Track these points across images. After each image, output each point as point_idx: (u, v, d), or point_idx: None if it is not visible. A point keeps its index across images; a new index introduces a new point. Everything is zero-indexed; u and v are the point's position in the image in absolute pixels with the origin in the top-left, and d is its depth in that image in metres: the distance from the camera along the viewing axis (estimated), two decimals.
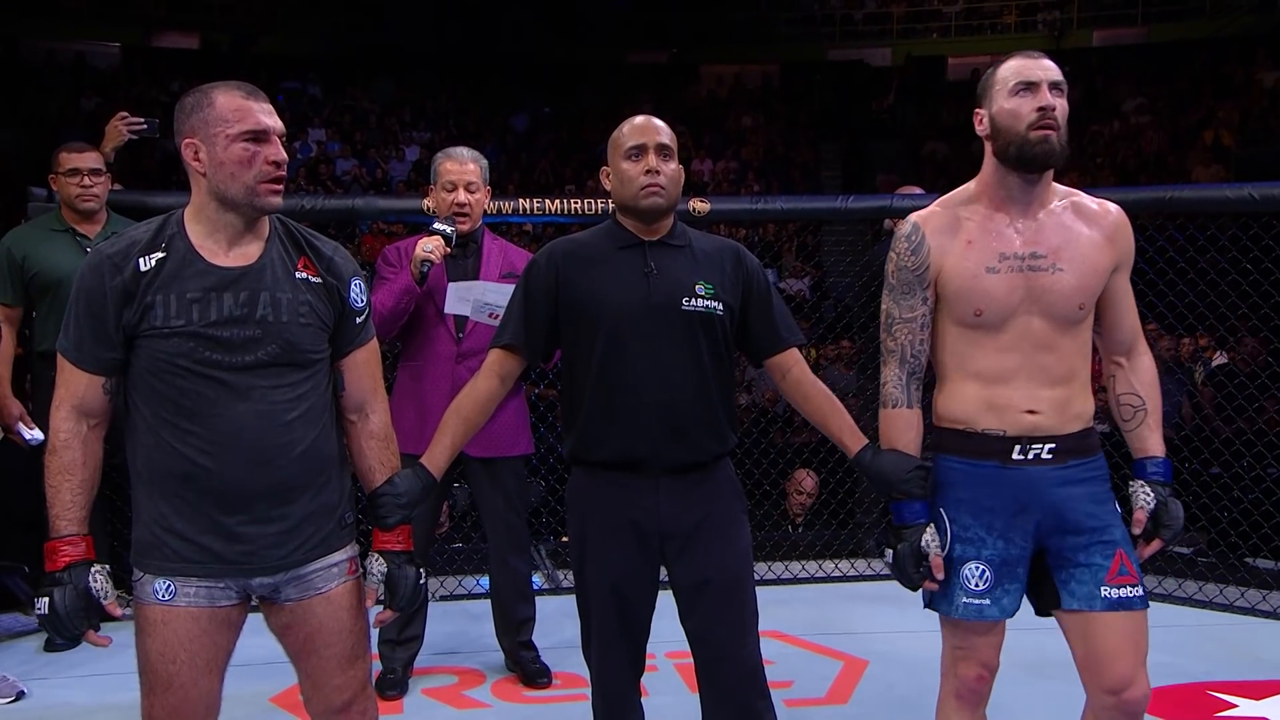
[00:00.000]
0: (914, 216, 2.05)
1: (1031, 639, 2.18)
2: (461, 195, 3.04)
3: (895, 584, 2.09)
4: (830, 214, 4.66)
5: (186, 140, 1.77)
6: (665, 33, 16.46)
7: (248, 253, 1.80)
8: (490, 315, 2.91)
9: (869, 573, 4.31)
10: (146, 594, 1.79)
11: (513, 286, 2.38)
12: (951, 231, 1.99)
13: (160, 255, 1.76)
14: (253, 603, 1.90)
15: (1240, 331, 5.04)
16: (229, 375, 1.75)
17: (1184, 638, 3.53)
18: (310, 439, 1.82)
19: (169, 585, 1.78)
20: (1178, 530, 2.02)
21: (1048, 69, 1.93)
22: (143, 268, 1.74)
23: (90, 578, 1.76)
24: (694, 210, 3.95)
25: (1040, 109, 1.90)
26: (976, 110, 2.00)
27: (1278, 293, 3.97)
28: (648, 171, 2.10)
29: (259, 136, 1.75)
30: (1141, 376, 2.07)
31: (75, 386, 1.79)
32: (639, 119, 2.17)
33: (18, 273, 3.39)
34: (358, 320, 1.91)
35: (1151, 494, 2.02)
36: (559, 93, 15.64)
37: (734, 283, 2.16)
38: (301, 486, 1.81)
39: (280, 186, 1.77)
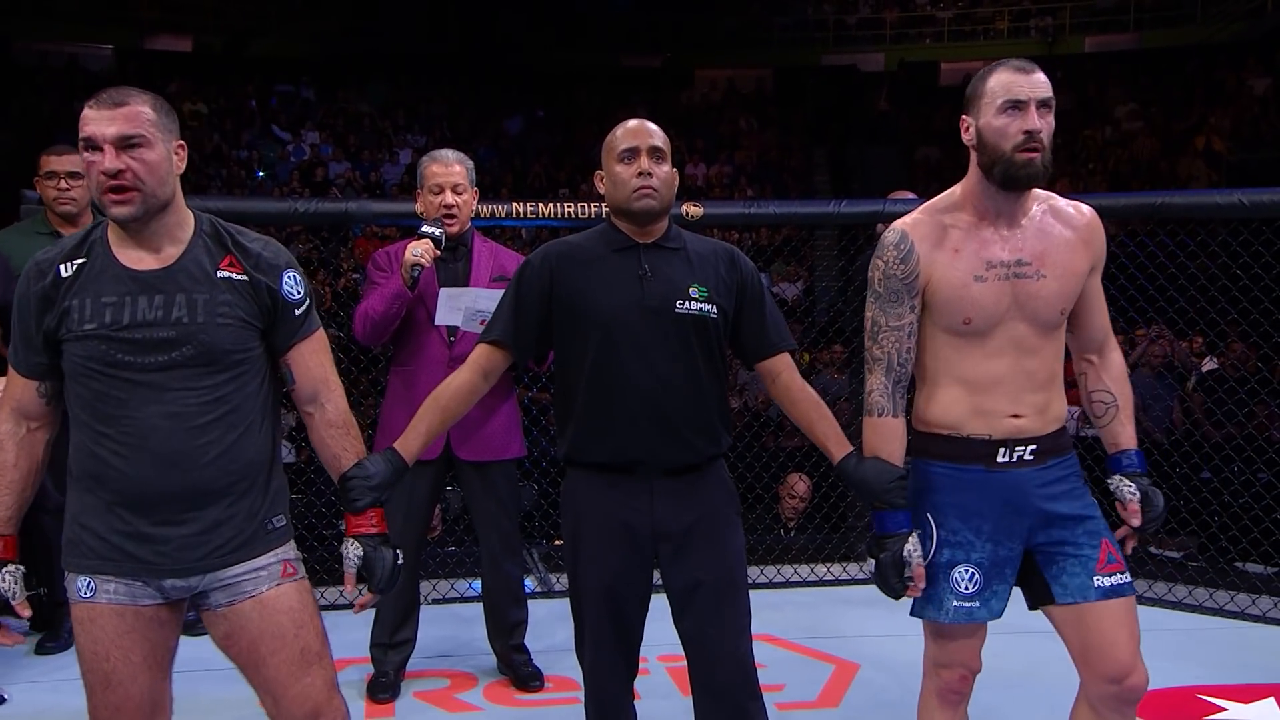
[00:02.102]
0: (900, 224, 2.03)
1: (1016, 642, 2.19)
2: (449, 197, 3.04)
3: None
4: (823, 218, 4.67)
5: None
6: (659, 37, 16.48)
7: (165, 255, 1.80)
8: (481, 322, 2.90)
9: (861, 576, 4.31)
10: (72, 592, 1.81)
11: (500, 293, 2.39)
12: (938, 239, 1.99)
13: (81, 260, 1.79)
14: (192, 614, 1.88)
15: (1230, 337, 5.06)
16: (141, 376, 1.75)
17: (1174, 642, 3.53)
18: (228, 442, 1.80)
19: (89, 582, 1.79)
20: (1158, 517, 2.07)
21: (1036, 85, 1.91)
22: (63, 273, 1.77)
23: (1, 578, 1.80)
24: (687, 214, 3.96)
25: (1027, 132, 1.89)
26: (963, 117, 1.99)
27: (1267, 298, 3.99)
28: (640, 174, 2.10)
29: (89, 144, 1.74)
30: (1112, 372, 2.11)
31: (14, 389, 1.84)
32: (632, 122, 2.18)
33: None
34: (296, 312, 1.88)
35: (1134, 486, 2.06)
36: (553, 96, 15.65)
37: (728, 286, 2.17)
38: (218, 491, 1.79)
39: (121, 196, 1.73)
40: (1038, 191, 2.03)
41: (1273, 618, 3.79)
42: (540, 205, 4.05)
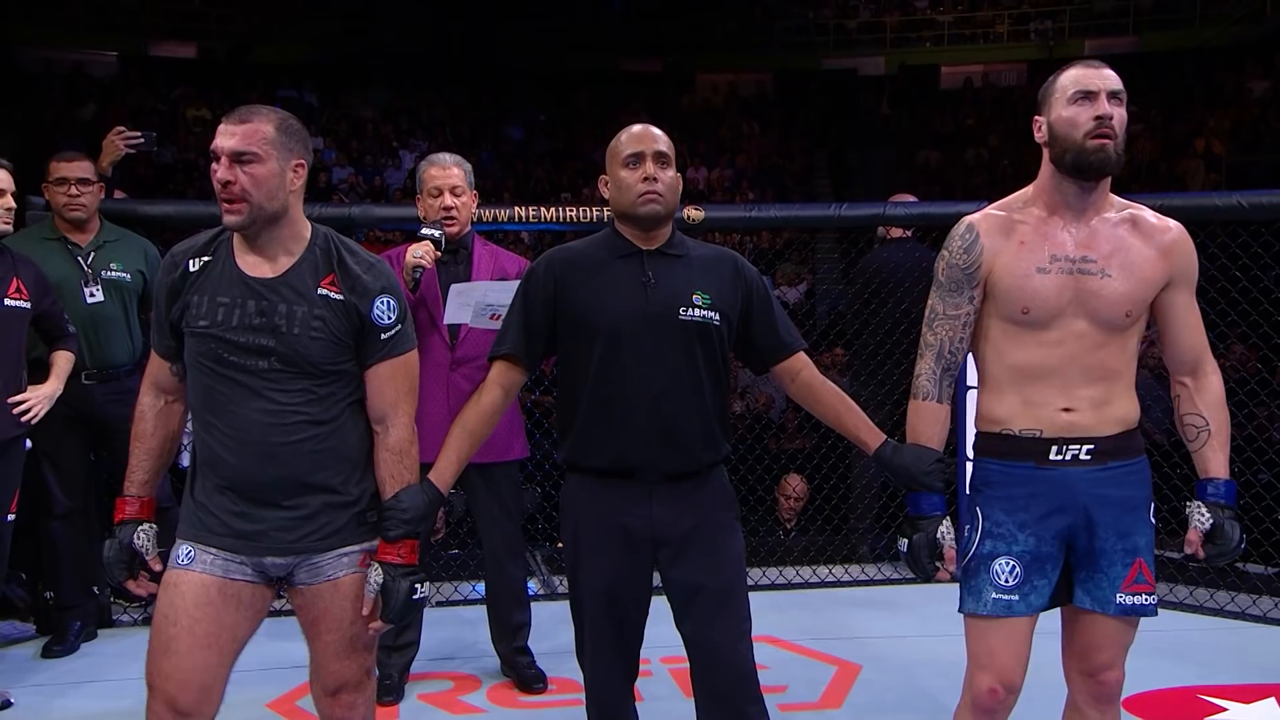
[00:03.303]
0: (969, 217, 2.07)
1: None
2: (447, 199, 3.07)
3: (889, 589, 2.12)
4: (824, 222, 4.69)
5: None
6: (660, 41, 16.52)
7: (278, 265, 1.93)
8: (491, 316, 2.91)
9: (863, 578, 4.31)
10: (172, 559, 1.94)
11: (512, 284, 2.41)
12: (1005, 233, 2.02)
13: (207, 259, 1.94)
14: (278, 605, 1.98)
15: (1230, 339, 5.08)
16: (243, 376, 1.88)
17: (1175, 642, 3.54)
18: (321, 437, 1.91)
19: (190, 551, 1.92)
20: (1228, 553, 2.01)
21: (1107, 78, 1.96)
22: (191, 269, 1.93)
23: (135, 535, 1.97)
24: (688, 218, 3.98)
25: (1098, 118, 1.92)
26: (1035, 117, 2.02)
27: (1266, 300, 4.01)
28: (646, 179, 2.11)
29: (213, 156, 1.88)
30: (1206, 397, 2.06)
31: (154, 366, 2.03)
32: (637, 127, 2.19)
33: None
34: (382, 336, 1.97)
35: (1208, 515, 2.01)
36: (555, 101, 15.69)
37: (732, 293, 2.18)
38: (315, 482, 1.92)
39: (231, 205, 1.86)
40: (1118, 199, 2.04)
41: (1273, 618, 3.81)
42: (542, 209, 4.08)
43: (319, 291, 1.91)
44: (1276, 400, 4.71)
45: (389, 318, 1.97)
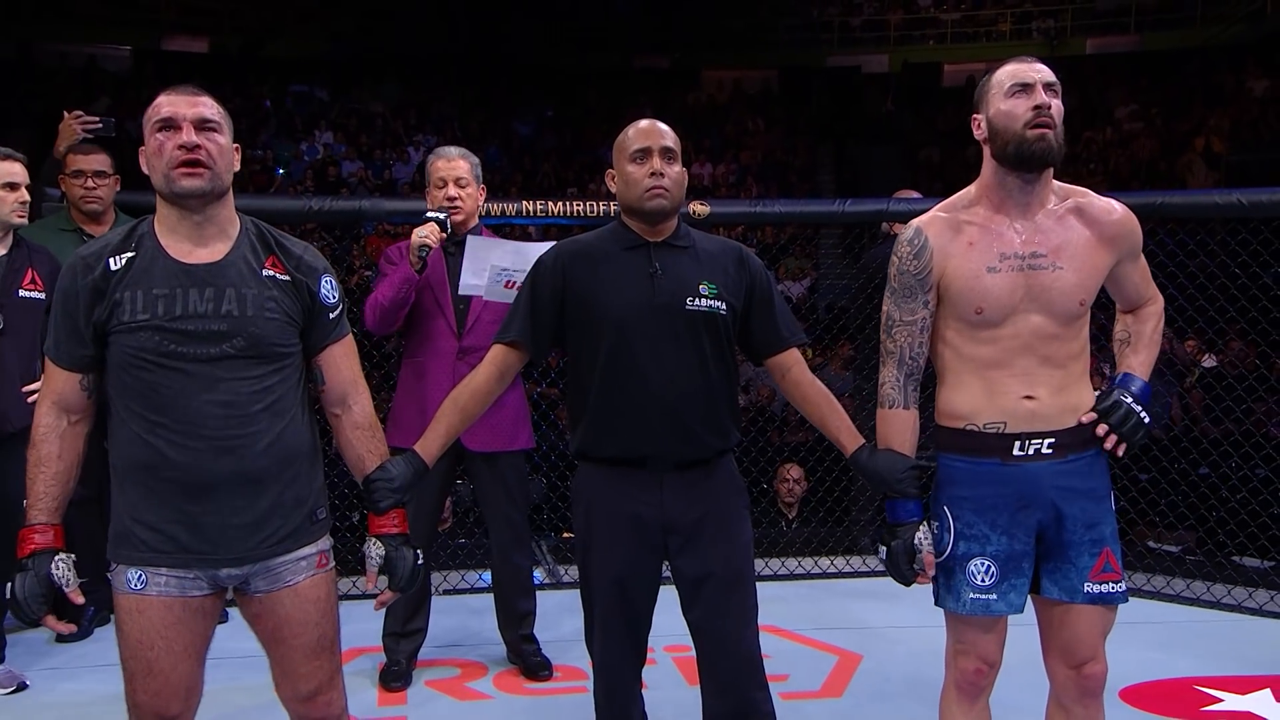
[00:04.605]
0: (916, 221, 2.08)
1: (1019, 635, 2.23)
2: (451, 190, 3.11)
3: (890, 580, 2.13)
4: (827, 217, 4.73)
5: (141, 149, 1.87)
6: (667, 38, 16.54)
7: (214, 250, 1.86)
8: (506, 284, 2.92)
9: (864, 569, 4.37)
10: (121, 584, 1.85)
11: (531, 249, 2.41)
12: (953, 234, 2.03)
13: (130, 254, 1.83)
14: (229, 596, 1.95)
15: (1228, 335, 5.12)
16: (194, 367, 1.80)
17: (1172, 634, 3.59)
18: (276, 430, 1.86)
19: (140, 575, 1.83)
20: (1115, 425, 2.02)
21: (1041, 71, 1.98)
22: (113, 266, 1.82)
23: (52, 565, 1.82)
24: (693, 213, 4.01)
25: (1036, 107, 1.94)
26: (974, 116, 2.04)
27: (1265, 297, 4.05)
28: (652, 174, 2.14)
29: (167, 124, 1.81)
30: (1139, 315, 2.16)
31: (55, 383, 1.87)
32: (643, 123, 2.22)
33: None
34: (330, 316, 1.96)
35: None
36: (562, 97, 15.73)
37: (737, 283, 2.21)
38: (269, 478, 1.85)
39: (194, 170, 1.80)
40: (1062, 186, 2.06)
41: (1269, 610, 3.84)
42: (549, 204, 4.12)
43: (265, 273, 1.87)
44: (1274, 396, 4.75)
45: (334, 297, 1.95)
